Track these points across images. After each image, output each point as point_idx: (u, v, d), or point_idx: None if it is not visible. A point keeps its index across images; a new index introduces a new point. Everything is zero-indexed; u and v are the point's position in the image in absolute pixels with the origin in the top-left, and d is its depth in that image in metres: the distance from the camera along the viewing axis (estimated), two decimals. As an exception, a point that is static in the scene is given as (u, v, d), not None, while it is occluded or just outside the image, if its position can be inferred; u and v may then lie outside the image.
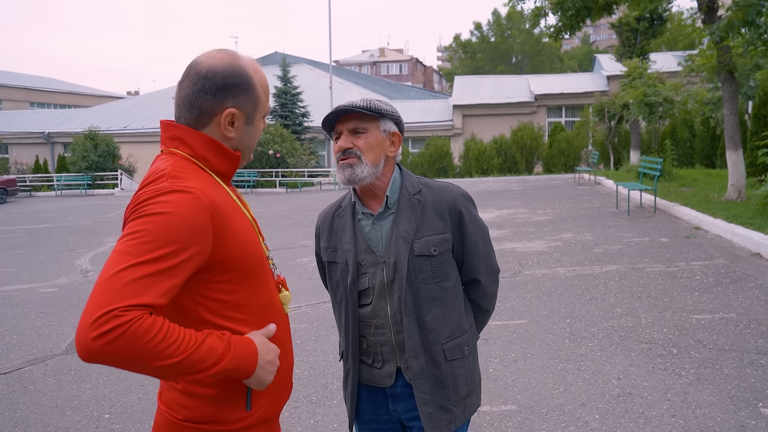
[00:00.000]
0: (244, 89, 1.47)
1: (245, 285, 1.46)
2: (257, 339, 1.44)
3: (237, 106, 1.47)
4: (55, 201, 22.92)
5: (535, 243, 8.76)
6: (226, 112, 1.45)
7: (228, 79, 1.44)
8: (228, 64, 1.46)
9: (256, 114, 1.52)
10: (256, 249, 1.50)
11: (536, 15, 12.24)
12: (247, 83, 1.47)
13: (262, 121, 1.57)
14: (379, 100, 1.87)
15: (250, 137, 1.54)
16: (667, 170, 14.49)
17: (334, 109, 1.83)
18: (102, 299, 1.19)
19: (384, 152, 1.86)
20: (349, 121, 1.84)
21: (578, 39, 79.52)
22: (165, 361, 1.23)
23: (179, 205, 1.31)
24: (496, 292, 2.06)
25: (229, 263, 1.42)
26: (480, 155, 24.38)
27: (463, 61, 64.86)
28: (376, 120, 1.84)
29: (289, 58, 30.12)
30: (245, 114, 1.49)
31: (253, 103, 1.50)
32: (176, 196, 1.32)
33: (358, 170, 1.81)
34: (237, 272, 1.44)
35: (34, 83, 49.05)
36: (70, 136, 29.88)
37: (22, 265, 9.37)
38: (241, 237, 1.44)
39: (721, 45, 10.23)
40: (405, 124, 1.98)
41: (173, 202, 1.31)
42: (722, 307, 5.31)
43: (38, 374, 4.74)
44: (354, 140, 1.83)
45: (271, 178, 24.20)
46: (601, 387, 3.91)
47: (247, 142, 1.54)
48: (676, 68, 22.07)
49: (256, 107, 1.51)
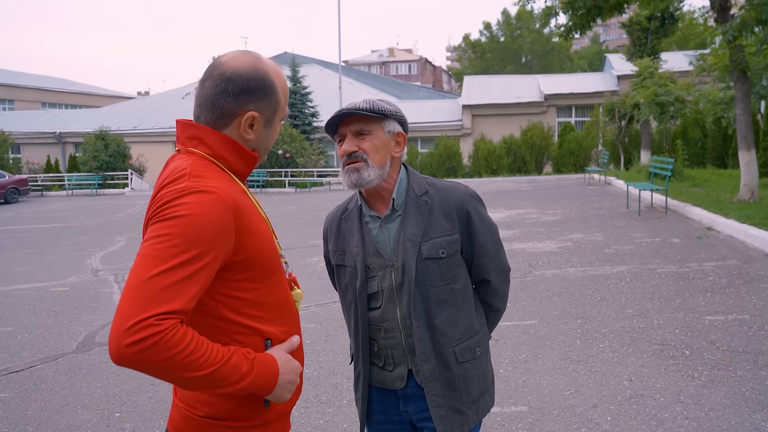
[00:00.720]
0: (266, 93, 1.48)
1: (264, 283, 1.48)
2: (281, 358, 1.46)
3: (258, 110, 1.48)
4: (66, 200, 23.07)
5: (545, 243, 8.72)
6: (247, 115, 1.46)
7: (251, 83, 1.45)
8: (252, 67, 1.46)
9: (275, 118, 1.53)
10: (272, 247, 1.51)
11: (547, 14, 12.17)
12: (269, 87, 1.48)
13: (280, 124, 1.59)
14: (382, 100, 1.84)
15: (267, 140, 1.55)
16: (678, 170, 14.39)
17: (337, 112, 1.80)
18: (136, 306, 1.22)
19: (389, 153, 1.83)
20: (352, 124, 1.81)
21: (588, 39, 79.22)
22: (192, 373, 1.26)
23: (203, 206, 1.32)
24: (507, 291, 2.03)
25: (249, 262, 1.43)
26: (489, 155, 24.31)
27: (472, 60, 64.73)
28: (379, 121, 1.81)
29: (298, 58, 30.19)
30: (265, 117, 1.50)
31: (273, 107, 1.51)
32: (199, 197, 1.32)
33: (365, 174, 1.78)
34: (256, 270, 1.45)
35: (46, 84, 49.46)
36: (81, 136, 30.09)
37: (34, 264, 9.43)
38: (260, 236, 1.46)
39: (734, 44, 10.14)
40: (414, 125, 1.97)
41: (197, 204, 1.31)
42: (735, 309, 5.26)
43: (50, 372, 4.76)
44: (359, 143, 1.80)
45: (280, 177, 24.26)
46: (612, 388, 3.88)
47: (264, 144, 1.56)
48: (688, 68, 21.92)
49: (276, 111, 1.52)
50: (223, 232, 1.34)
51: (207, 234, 1.31)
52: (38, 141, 32.43)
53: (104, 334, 5.70)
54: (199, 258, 1.29)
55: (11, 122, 33.77)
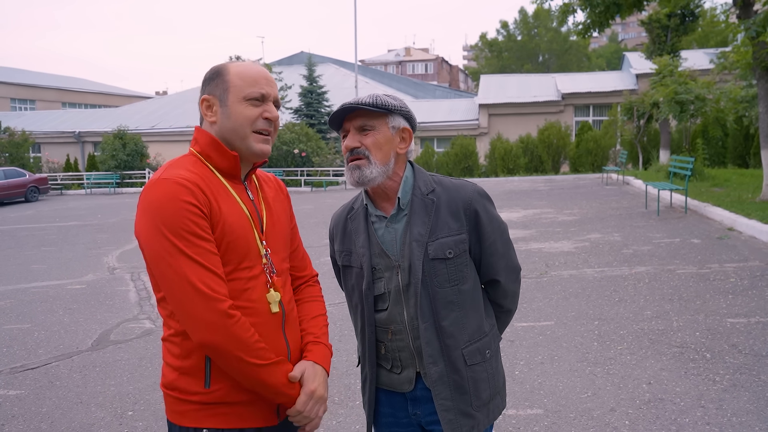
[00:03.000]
0: (214, 78, 1.67)
1: (226, 268, 1.59)
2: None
3: (209, 93, 1.68)
4: (84, 199, 23.32)
5: (562, 243, 8.61)
6: (201, 100, 1.69)
7: (206, 76, 1.70)
8: (213, 66, 1.71)
9: (227, 96, 1.64)
10: (241, 239, 1.62)
11: (564, 12, 12.03)
12: (216, 72, 1.68)
13: (247, 106, 1.65)
14: (388, 95, 1.80)
15: (228, 120, 1.65)
16: (698, 170, 14.16)
17: (340, 107, 1.76)
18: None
19: (394, 150, 1.79)
20: (356, 119, 1.77)
21: (606, 37, 78.48)
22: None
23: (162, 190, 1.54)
24: (518, 290, 1.98)
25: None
26: (506, 155, 24.12)
27: (489, 59, 64.40)
28: (384, 116, 1.77)
29: (315, 57, 30.19)
30: (217, 98, 1.66)
31: (223, 86, 1.65)
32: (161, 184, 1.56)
33: (367, 171, 1.75)
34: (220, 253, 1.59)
35: (66, 84, 50.07)
36: (99, 135, 30.39)
37: (52, 262, 9.52)
38: (228, 223, 1.59)
39: (757, 40, 9.94)
40: (430, 124, 1.92)
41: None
42: (758, 311, 5.13)
43: (64, 370, 4.78)
44: (361, 138, 1.76)
45: (296, 177, 24.31)
46: (631, 392, 3.80)
47: (226, 124, 1.65)
48: (708, 66, 21.56)
49: (227, 90, 1.65)
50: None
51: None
52: (58, 140, 32.80)
53: (119, 332, 5.72)
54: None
55: (32, 122, 34.21)
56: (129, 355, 5.03)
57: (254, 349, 1.54)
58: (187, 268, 1.48)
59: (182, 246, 1.49)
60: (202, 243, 1.51)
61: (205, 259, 1.51)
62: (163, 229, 1.49)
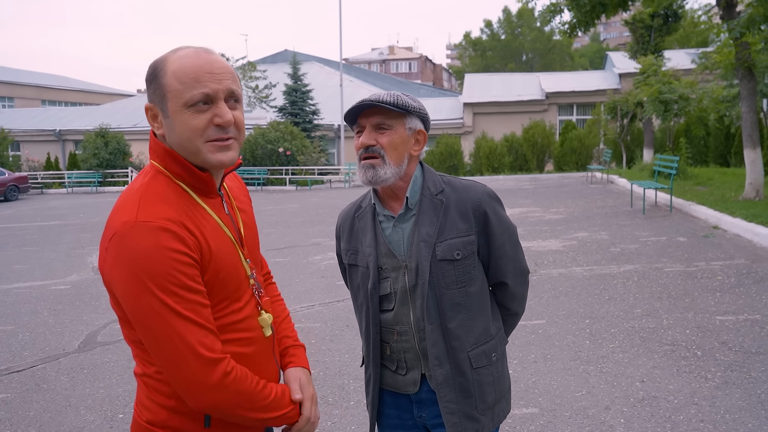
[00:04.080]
0: (151, 81, 1.38)
1: (214, 308, 1.42)
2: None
3: (150, 100, 1.40)
4: (66, 198, 23.00)
5: (550, 242, 8.65)
6: (145, 108, 1.41)
7: (146, 76, 1.39)
8: (152, 61, 1.41)
9: (167, 105, 1.36)
10: (229, 270, 1.44)
11: (552, 11, 12.09)
12: (153, 74, 1.37)
13: (192, 113, 1.35)
14: (407, 95, 1.77)
15: (171, 131, 1.37)
16: (681, 169, 14.31)
17: (359, 102, 1.72)
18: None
19: (408, 151, 1.76)
20: (373, 116, 1.73)
21: (588, 37, 79.08)
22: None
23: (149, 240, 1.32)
24: (525, 294, 1.96)
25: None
26: (491, 153, 24.22)
27: (473, 59, 64.62)
28: (402, 117, 1.74)
29: (299, 56, 30.07)
30: (158, 106, 1.38)
31: (160, 93, 1.36)
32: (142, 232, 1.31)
33: (381, 171, 1.71)
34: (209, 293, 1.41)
35: (46, 81, 49.33)
36: (81, 133, 29.99)
37: (35, 262, 9.36)
38: (215, 259, 1.40)
39: (740, 41, 10.06)
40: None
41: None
42: (746, 309, 5.19)
43: (51, 372, 4.69)
44: (377, 137, 1.73)
45: (281, 176, 24.18)
46: (624, 390, 3.81)
47: (171, 137, 1.38)
48: (690, 66, 21.83)
49: (164, 97, 1.35)
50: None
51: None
52: (38, 138, 32.32)
53: (106, 333, 5.64)
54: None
55: (11, 120, 33.64)
56: (117, 357, 4.96)
57: (258, 396, 1.42)
58: (182, 329, 1.30)
59: (172, 303, 1.28)
60: (194, 297, 1.32)
61: (199, 315, 1.32)
62: (149, 285, 1.27)
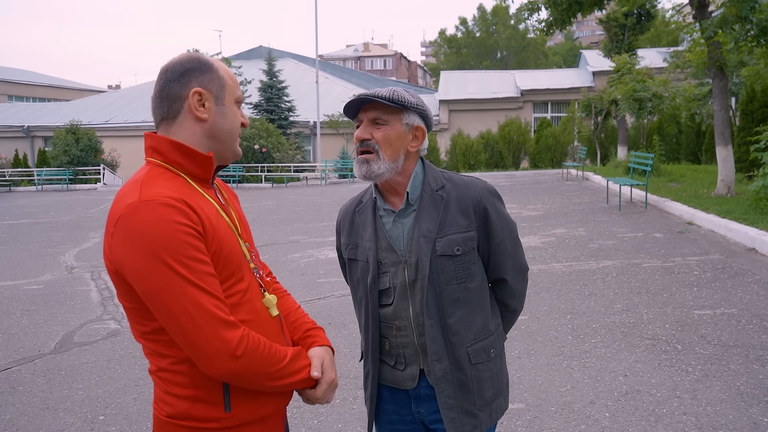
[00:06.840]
0: (204, 70, 1.50)
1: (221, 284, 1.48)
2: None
3: (202, 86, 1.49)
4: (36, 196, 22.48)
5: (529, 238, 8.71)
6: (193, 92, 1.48)
7: (188, 64, 1.49)
8: (187, 55, 1.52)
9: (224, 95, 1.52)
10: (229, 251, 1.50)
11: (529, 9, 12.17)
12: (205, 65, 1.51)
13: (237, 108, 1.56)
14: (408, 91, 1.78)
15: (224, 119, 1.53)
16: (655, 166, 14.54)
17: (356, 96, 1.74)
18: None
19: (404, 147, 1.77)
20: (370, 111, 1.75)
21: (562, 35, 79.89)
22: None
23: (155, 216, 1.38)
24: (524, 290, 1.97)
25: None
26: (467, 150, 24.36)
27: (448, 56, 64.87)
28: (399, 112, 1.75)
29: (274, 52, 29.79)
30: (213, 93, 1.51)
31: (218, 83, 1.51)
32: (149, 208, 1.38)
33: (375, 166, 1.73)
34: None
35: (13, 76, 48.13)
36: (50, 130, 29.35)
37: (4, 262, 9.13)
38: (217, 239, 1.46)
39: (713, 40, 10.25)
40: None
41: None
42: (723, 303, 5.29)
43: (27, 374, 4.57)
44: (373, 131, 1.74)
45: (256, 173, 23.98)
46: (608, 384, 3.85)
47: (222, 124, 1.53)
48: (662, 64, 22.21)
49: (223, 88, 1.52)
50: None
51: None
52: (5, 135, 31.53)
53: (83, 333, 5.52)
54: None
55: (-24, 115, 32.81)
56: (96, 357, 4.85)
57: (273, 357, 1.47)
58: (199, 296, 1.35)
59: (186, 273, 1.34)
60: (204, 267, 1.38)
61: (210, 286, 1.38)
62: (162, 255, 1.32)
